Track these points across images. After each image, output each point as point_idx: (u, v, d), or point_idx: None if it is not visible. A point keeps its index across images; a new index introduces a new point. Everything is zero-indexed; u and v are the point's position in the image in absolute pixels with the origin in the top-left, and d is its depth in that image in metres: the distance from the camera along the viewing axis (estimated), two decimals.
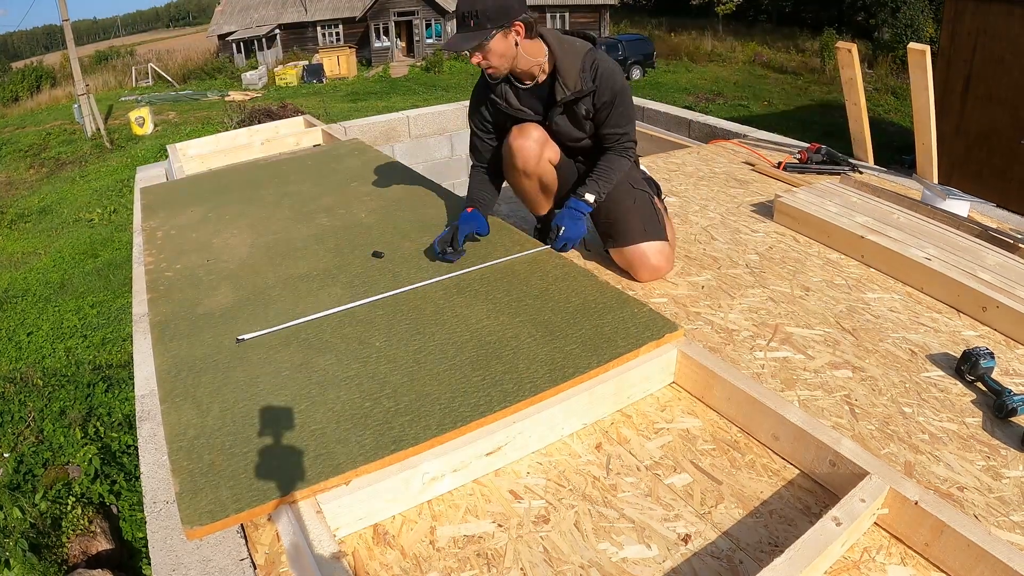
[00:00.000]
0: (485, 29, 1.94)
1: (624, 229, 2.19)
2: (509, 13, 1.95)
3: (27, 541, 4.08)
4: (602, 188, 2.13)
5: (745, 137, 3.94)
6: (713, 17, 27.11)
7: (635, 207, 2.20)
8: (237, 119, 12.82)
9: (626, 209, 2.20)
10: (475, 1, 1.93)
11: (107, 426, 5.22)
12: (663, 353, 1.67)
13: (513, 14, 1.95)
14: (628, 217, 2.18)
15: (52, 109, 22.74)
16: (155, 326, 1.90)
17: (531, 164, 2.20)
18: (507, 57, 2.02)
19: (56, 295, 8.53)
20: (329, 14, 26.36)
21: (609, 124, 2.13)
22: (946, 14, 9.25)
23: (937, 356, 1.84)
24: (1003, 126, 8.53)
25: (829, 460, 1.37)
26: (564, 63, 2.06)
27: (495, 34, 1.96)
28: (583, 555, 1.25)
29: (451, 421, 1.42)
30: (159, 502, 1.44)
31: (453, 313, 1.85)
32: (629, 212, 2.19)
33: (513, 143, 2.18)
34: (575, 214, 2.11)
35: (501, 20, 1.94)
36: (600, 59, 2.07)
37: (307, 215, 2.64)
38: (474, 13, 1.94)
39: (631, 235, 2.17)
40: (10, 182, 14.69)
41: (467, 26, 1.96)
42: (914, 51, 2.95)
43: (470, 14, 1.94)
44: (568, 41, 2.10)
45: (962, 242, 2.36)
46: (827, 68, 19.25)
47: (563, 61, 2.06)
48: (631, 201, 2.21)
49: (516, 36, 1.99)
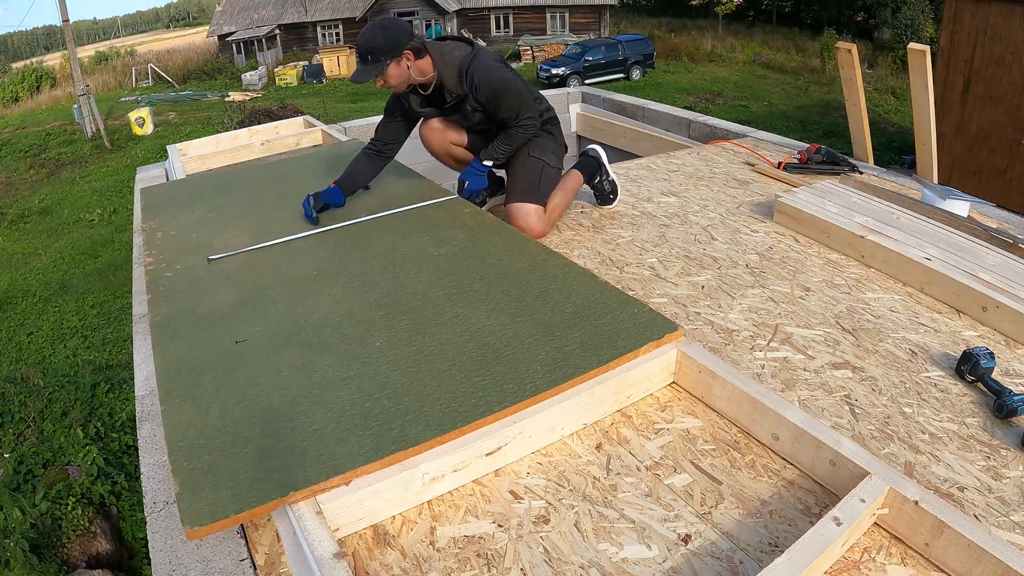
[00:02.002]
0: (380, 62, 2.35)
1: (509, 188, 2.65)
2: (398, 45, 2.34)
3: (27, 541, 4.08)
4: (496, 153, 2.57)
5: (745, 137, 3.94)
6: (713, 17, 27.12)
7: (522, 171, 2.62)
8: (237, 119, 12.84)
9: (514, 172, 2.65)
10: (369, 41, 2.34)
11: (108, 426, 5.22)
12: (663, 353, 1.67)
13: (401, 46, 2.35)
14: (514, 179, 2.63)
15: (52, 110, 22.76)
16: (155, 326, 1.90)
17: (435, 146, 2.75)
18: (403, 78, 2.44)
19: (56, 296, 8.54)
20: (329, 14, 26.39)
21: (501, 112, 2.51)
22: (946, 14, 9.26)
23: (937, 356, 1.84)
24: (1003, 126, 8.54)
25: (829, 460, 1.37)
26: (444, 74, 2.46)
27: (389, 64, 2.36)
28: (583, 555, 1.25)
29: (451, 421, 1.42)
30: (159, 502, 1.44)
31: (453, 313, 1.85)
32: (515, 176, 2.63)
33: (420, 132, 2.74)
34: (474, 171, 2.63)
35: (392, 52, 2.34)
36: (473, 66, 2.43)
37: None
38: (369, 51, 2.34)
39: (511, 195, 2.61)
40: (10, 183, 14.70)
41: (366, 60, 2.37)
42: (914, 51, 2.95)
43: (367, 52, 2.35)
44: (448, 53, 2.47)
45: (962, 242, 2.36)
46: (827, 68, 19.26)
47: (443, 73, 2.46)
48: (521, 167, 2.63)
49: (407, 61, 2.39)
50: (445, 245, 2.26)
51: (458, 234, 2.34)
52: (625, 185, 3.14)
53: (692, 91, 18.68)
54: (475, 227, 2.40)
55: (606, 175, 2.86)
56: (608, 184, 2.87)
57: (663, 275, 2.29)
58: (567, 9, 26.72)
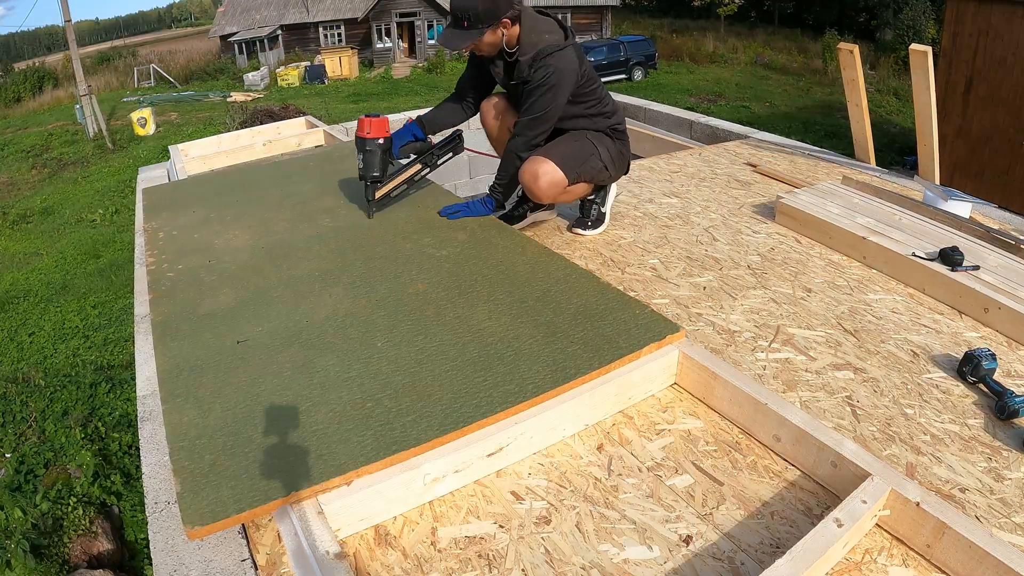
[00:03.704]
0: (478, 28, 2.18)
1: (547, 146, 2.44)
2: (499, 11, 2.17)
3: (28, 542, 4.08)
4: (495, 183, 2.46)
5: (747, 138, 3.94)
6: (715, 18, 27.11)
7: (571, 144, 2.44)
8: (239, 120, 12.85)
9: (562, 139, 2.46)
10: (470, 5, 2.15)
11: (109, 426, 5.22)
12: (664, 354, 1.67)
13: (501, 13, 2.17)
14: (558, 143, 2.44)
15: (54, 110, 22.78)
16: (157, 326, 1.90)
17: (493, 132, 2.63)
18: (495, 46, 2.28)
19: (58, 296, 8.55)
20: (331, 15, 26.39)
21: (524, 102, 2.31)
22: (948, 15, 9.25)
23: (939, 357, 1.84)
24: (1005, 127, 8.52)
25: (831, 461, 1.37)
26: (523, 52, 2.28)
27: (486, 31, 2.19)
28: (584, 556, 1.25)
29: (453, 422, 1.42)
30: (160, 502, 1.44)
31: (455, 314, 1.85)
32: (562, 141, 2.45)
33: (482, 114, 2.62)
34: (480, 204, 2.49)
35: (491, 20, 2.17)
36: (552, 60, 2.22)
37: (309, 216, 2.64)
38: (467, 15, 2.16)
39: (546, 150, 2.41)
40: (12, 183, 14.71)
41: (460, 25, 2.20)
42: (916, 52, 2.95)
43: (464, 15, 2.17)
44: (539, 34, 2.27)
45: (964, 243, 2.35)
46: (829, 69, 19.25)
47: (523, 50, 2.27)
48: (572, 139, 2.46)
49: (503, 29, 2.22)
50: (447, 246, 2.26)
51: (460, 235, 2.35)
52: (627, 186, 3.14)
53: (694, 92, 18.68)
54: (477, 228, 2.40)
55: (601, 203, 2.65)
56: (596, 212, 2.64)
57: (665, 276, 2.29)
58: (569, 10, 26.70)
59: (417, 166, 2.57)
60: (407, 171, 2.57)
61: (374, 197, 2.50)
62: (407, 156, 2.54)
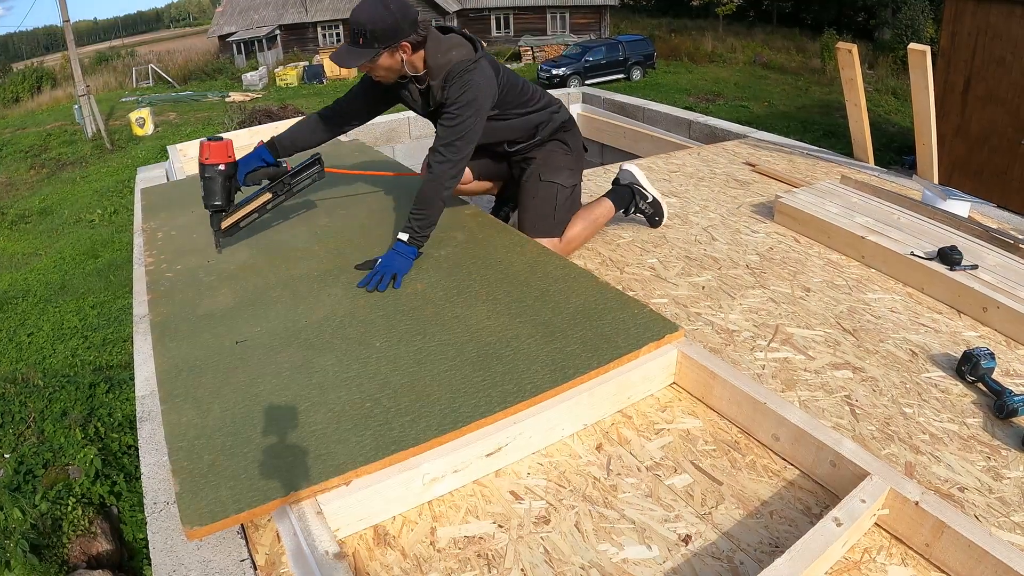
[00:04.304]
0: (372, 48, 2.00)
1: (520, 219, 2.43)
2: (398, 35, 2.00)
3: (27, 542, 4.08)
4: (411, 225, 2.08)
5: (746, 138, 3.94)
6: (713, 18, 27.12)
7: (534, 201, 2.38)
8: (238, 120, 12.86)
9: (525, 200, 2.41)
10: (366, 20, 1.97)
11: (108, 427, 5.22)
12: (663, 354, 1.67)
13: (401, 36, 2.01)
14: (525, 210, 2.40)
15: (53, 110, 22.76)
16: (155, 327, 1.90)
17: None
18: (393, 70, 2.10)
19: (57, 296, 8.54)
20: (330, 15, 26.39)
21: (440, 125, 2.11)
22: (946, 14, 9.26)
23: (938, 357, 1.84)
24: (1003, 126, 8.54)
25: (830, 461, 1.37)
26: (433, 74, 2.12)
27: (382, 53, 2.02)
28: (584, 556, 1.25)
29: (451, 422, 1.42)
30: (159, 503, 1.44)
31: (453, 314, 1.85)
32: (527, 206, 2.40)
33: None
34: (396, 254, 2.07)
35: (388, 41, 2.00)
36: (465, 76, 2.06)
37: (308, 216, 2.64)
38: (364, 32, 1.99)
39: (523, 227, 2.39)
40: (11, 183, 14.70)
41: (357, 42, 2.02)
42: (914, 52, 2.95)
43: (361, 32, 1.99)
44: (445, 52, 2.11)
45: (963, 242, 2.35)
46: (827, 69, 19.26)
47: (432, 72, 2.12)
48: (532, 196, 2.38)
49: (403, 53, 2.05)
50: (445, 246, 2.26)
51: (458, 235, 2.34)
52: None
53: (692, 91, 18.68)
54: (475, 228, 2.40)
55: (643, 198, 2.59)
56: (649, 207, 2.62)
57: (663, 275, 2.29)
58: (567, 9, 26.73)
59: (268, 195, 2.33)
60: (256, 200, 2.32)
61: (219, 228, 2.25)
62: (257, 183, 2.30)
